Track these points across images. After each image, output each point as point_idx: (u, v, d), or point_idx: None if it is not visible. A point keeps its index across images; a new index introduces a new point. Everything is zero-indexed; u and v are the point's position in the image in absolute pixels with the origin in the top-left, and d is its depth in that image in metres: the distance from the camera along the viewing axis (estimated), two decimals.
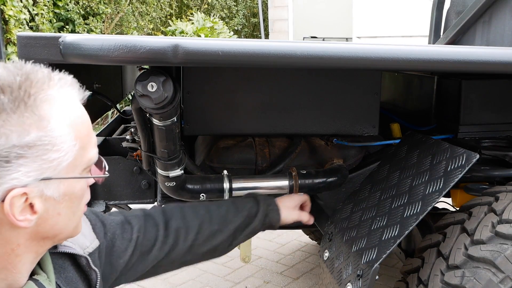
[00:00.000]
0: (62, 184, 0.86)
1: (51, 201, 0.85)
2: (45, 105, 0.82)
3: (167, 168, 1.64)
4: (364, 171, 2.03)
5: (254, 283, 3.29)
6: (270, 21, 11.46)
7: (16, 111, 0.79)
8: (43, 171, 0.82)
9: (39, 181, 0.82)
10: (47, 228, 0.88)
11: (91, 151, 0.91)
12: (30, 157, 0.80)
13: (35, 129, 0.80)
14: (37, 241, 0.89)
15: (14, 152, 0.78)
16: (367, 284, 1.40)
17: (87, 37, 1.19)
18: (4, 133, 0.78)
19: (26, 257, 0.89)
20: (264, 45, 1.23)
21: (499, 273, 1.32)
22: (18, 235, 0.85)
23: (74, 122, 0.86)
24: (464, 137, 1.96)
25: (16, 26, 6.57)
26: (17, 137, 0.78)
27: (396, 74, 2.41)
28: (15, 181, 0.79)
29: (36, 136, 0.80)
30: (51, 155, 0.82)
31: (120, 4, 9.49)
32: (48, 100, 0.83)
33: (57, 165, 0.83)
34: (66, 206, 0.89)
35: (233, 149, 1.97)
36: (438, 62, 1.31)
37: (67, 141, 0.84)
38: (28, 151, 0.79)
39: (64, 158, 0.84)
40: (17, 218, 0.82)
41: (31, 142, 0.80)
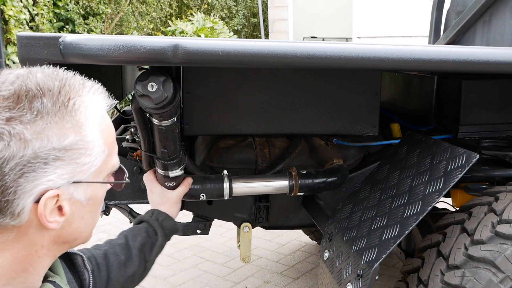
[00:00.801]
0: (89, 188, 0.88)
1: (77, 205, 0.88)
2: (83, 111, 0.85)
3: (167, 168, 1.64)
4: (364, 171, 2.03)
5: (254, 283, 3.29)
6: (270, 21, 11.46)
7: (57, 114, 0.81)
8: (75, 174, 0.84)
9: (70, 184, 0.84)
10: (70, 231, 0.90)
11: (114, 158, 0.94)
12: (66, 160, 0.82)
13: (73, 133, 0.83)
14: (58, 244, 0.90)
15: (53, 154, 0.80)
16: (367, 284, 1.40)
17: (87, 37, 1.19)
18: (46, 136, 0.79)
19: (46, 259, 0.90)
20: (264, 45, 1.23)
21: (499, 273, 1.32)
22: (43, 237, 0.87)
23: (104, 128, 0.89)
24: (464, 137, 1.96)
25: (16, 26, 6.57)
26: (57, 140, 0.81)
27: (396, 74, 2.41)
28: (50, 183, 0.81)
29: (74, 139, 0.83)
30: (84, 159, 0.85)
31: (120, 4, 9.49)
32: (84, 105, 0.86)
33: (88, 169, 0.86)
34: (89, 211, 0.91)
35: (233, 149, 1.97)
36: (438, 62, 1.31)
37: (97, 147, 0.87)
38: (65, 154, 0.82)
39: (94, 163, 0.87)
40: (48, 220, 0.83)
41: (68, 146, 0.82)
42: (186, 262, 3.58)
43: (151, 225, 1.60)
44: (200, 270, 3.47)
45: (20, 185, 0.78)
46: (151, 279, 3.32)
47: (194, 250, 3.76)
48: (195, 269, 3.49)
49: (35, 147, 0.78)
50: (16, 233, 0.83)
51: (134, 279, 1.49)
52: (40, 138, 0.79)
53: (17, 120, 0.78)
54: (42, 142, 0.79)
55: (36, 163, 0.79)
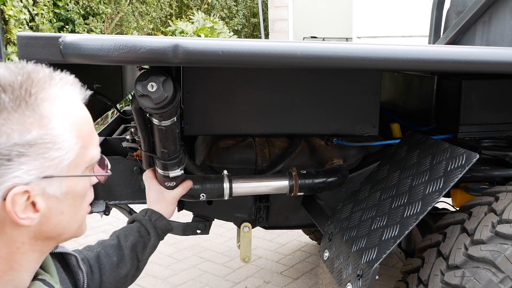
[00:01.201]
0: (64, 182, 0.86)
1: (53, 200, 0.86)
2: (46, 104, 0.83)
3: (167, 168, 1.64)
4: (364, 171, 2.03)
5: (254, 283, 3.29)
6: (270, 21, 11.46)
7: (17, 110, 0.80)
8: (44, 169, 0.82)
9: (40, 179, 0.82)
10: (51, 227, 0.89)
11: (92, 150, 0.92)
12: (32, 155, 0.80)
13: (36, 127, 0.81)
14: (41, 240, 0.89)
15: (15, 150, 0.79)
16: (367, 284, 1.40)
17: (87, 37, 1.19)
18: (5, 132, 0.78)
19: (31, 256, 0.89)
20: (264, 45, 1.23)
21: (499, 273, 1.32)
22: (22, 233, 0.86)
23: (76, 121, 0.87)
24: (464, 137, 1.96)
25: (16, 26, 6.57)
26: (18, 136, 0.79)
27: (396, 74, 2.41)
28: (16, 179, 0.80)
29: (37, 134, 0.81)
30: (53, 154, 0.83)
31: (120, 4, 9.49)
32: (49, 99, 0.83)
33: (59, 163, 0.84)
34: (69, 205, 0.89)
35: (233, 149, 1.97)
36: (438, 62, 1.31)
37: (68, 140, 0.85)
38: (29, 149, 0.80)
39: (66, 156, 0.85)
40: (19, 216, 0.82)
41: (32, 141, 0.80)
42: (186, 262, 3.58)
43: (144, 224, 1.58)
44: (200, 270, 3.47)
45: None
46: (151, 279, 3.32)
47: (194, 250, 3.76)
48: (195, 269, 3.49)
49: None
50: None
51: (126, 280, 1.48)
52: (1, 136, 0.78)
53: None
54: (2, 139, 0.78)
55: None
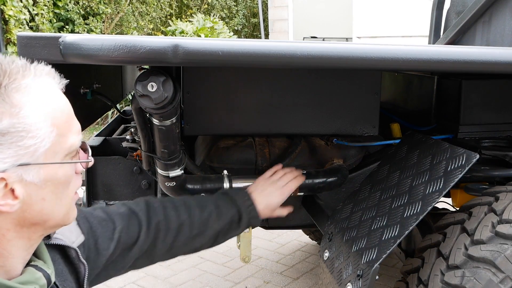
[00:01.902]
0: (42, 169, 0.88)
1: (32, 187, 0.87)
2: (17, 94, 0.85)
3: (167, 168, 1.64)
4: (364, 171, 2.03)
5: (254, 283, 3.29)
6: (270, 21, 11.46)
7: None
8: (19, 157, 0.84)
9: (16, 167, 0.84)
10: (34, 213, 0.90)
11: (71, 138, 0.93)
12: (5, 143, 0.82)
13: (7, 116, 0.83)
14: (26, 227, 0.91)
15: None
16: (367, 284, 1.40)
17: (87, 37, 1.19)
18: None
19: (19, 242, 0.91)
20: (264, 45, 1.23)
21: (499, 273, 1.32)
22: (5, 220, 0.88)
23: (50, 109, 0.88)
24: (464, 137, 1.96)
25: (16, 26, 6.57)
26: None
27: (396, 74, 2.41)
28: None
29: (9, 123, 0.83)
30: (27, 142, 0.84)
31: (120, 4, 9.49)
32: (20, 89, 0.85)
33: (34, 151, 0.86)
34: (50, 192, 0.91)
35: (233, 149, 1.97)
36: (438, 62, 1.31)
37: (42, 128, 0.86)
38: (1, 138, 0.82)
39: (41, 144, 0.86)
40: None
41: (4, 129, 0.82)
42: (186, 262, 3.58)
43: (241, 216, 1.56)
44: (200, 270, 3.47)
45: None
46: (151, 279, 3.32)
47: None
48: (195, 269, 3.49)
49: None
50: None
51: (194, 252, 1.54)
52: None
53: None
54: None
55: None
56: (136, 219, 1.37)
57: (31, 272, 0.93)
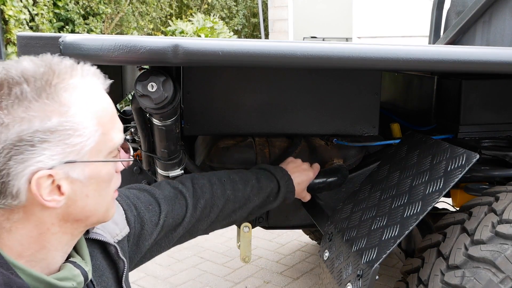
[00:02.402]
0: (87, 167, 0.91)
1: (77, 183, 0.91)
2: (66, 93, 0.88)
3: (167, 168, 1.64)
4: (364, 171, 2.03)
5: (254, 283, 3.29)
6: (270, 21, 11.46)
7: (38, 99, 0.85)
8: (66, 155, 0.87)
9: (63, 164, 0.87)
10: (78, 210, 0.93)
11: (114, 137, 0.96)
12: (53, 141, 0.85)
13: (56, 115, 0.86)
14: (70, 222, 0.94)
15: (37, 136, 0.84)
16: (367, 284, 1.40)
17: (87, 37, 1.19)
18: (27, 119, 0.83)
19: (62, 237, 0.94)
20: (264, 45, 1.23)
21: (499, 273, 1.32)
22: (50, 215, 0.91)
23: (96, 109, 0.92)
24: (464, 137, 1.96)
25: (16, 26, 6.57)
26: (39, 123, 0.84)
27: (396, 74, 2.41)
28: (40, 164, 0.85)
29: (58, 121, 0.85)
30: (74, 140, 0.87)
31: (120, 4, 9.49)
32: (68, 88, 0.88)
33: (80, 149, 0.89)
34: (93, 189, 0.94)
35: (233, 149, 1.97)
36: (438, 62, 1.31)
37: (89, 127, 0.89)
38: (50, 135, 0.85)
39: (87, 142, 0.89)
40: (45, 198, 0.87)
41: (52, 127, 0.85)
42: (186, 262, 3.58)
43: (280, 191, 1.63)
44: (200, 270, 3.47)
45: (11, 168, 0.83)
46: (151, 279, 3.32)
47: (194, 250, 3.76)
48: (195, 269, 3.49)
49: (17, 131, 0.82)
50: (23, 213, 0.89)
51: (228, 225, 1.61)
52: (21, 122, 0.83)
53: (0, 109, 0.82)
54: (23, 126, 0.83)
55: (22, 146, 0.83)
56: (183, 200, 1.42)
57: (69, 268, 0.96)
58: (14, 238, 0.89)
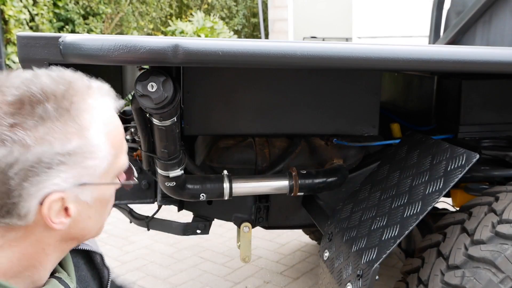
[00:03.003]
0: (96, 189, 0.89)
1: (84, 205, 0.89)
2: (86, 114, 0.85)
3: (167, 168, 1.64)
4: (364, 171, 2.03)
5: (254, 283, 3.29)
6: (270, 21, 11.45)
7: (60, 119, 0.82)
8: (80, 177, 0.85)
9: (75, 187, 0.85)
10: (78, 230, 0.91)
11: (122, 159, 0.95)
12: (70, 163, 0.83)
13: (76, 137, 0.83)
14: (65, 241, 0.92)
15: (56, 159, 0.81)
16: (367, 284, 1.40)
17: (87, 37, 1.19)
18: (48, 141, 0.80)
19: (54, 255, 0.92)
20: (264, 45, 1.23)
21: (499, 273, 1.32)
22: (50, 236, 0.89)
23: (110, 131, 0.90)
24: (464, 137, 1.96)
25: (16, 26, 6.57)
26: (60, 145, 0.81)
27: (396, 74, 2.41)
28: (54, 186, 0.82)
29: (77, 144, 0.83)
30: (89, 162, 0.85)
31: (120, 4, 9.49)
32: (88, 109, 0.86)
33: (93, 171, 0.87)
34: (96, 210, 0.92)
35: (233, 149, 1.97)
36: (438, 62, 1.31)
37: (103, 149, 0.87)
38: (69, 158, 0.82)
39: (100, 165, 0.87)
40: (53, 221, 0.85)
41: (72, 150, 0.82)
42: (186, 262, 3.58)
43: None
44: (200, 270, 3.47)
45: (24, 189, 0.80)
46: (151, 279, 3.32)
47: (194, 250, 3.76)
48: (195, 269, 3.49)
49: (38, 152, 0.79)
50: (24, 232, 0.86)
51: None
52: (42, 144, 0.80)
53: (19, 126, 0.79)
54: (44, 148, 0.80)
55: (39, 168, 0.80)
56: None
57: (54, 284, 0.94)
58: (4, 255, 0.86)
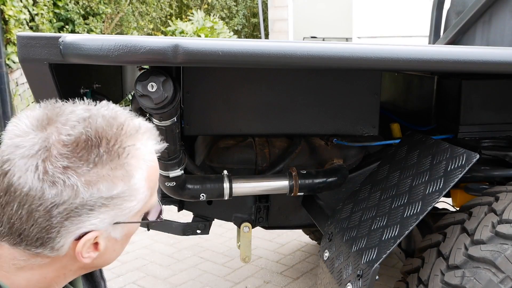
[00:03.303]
0: (127, 227, 0.90)
1: (112, 241, 0.90)
2: (133, 160, 0.86)
3: (167, 168, 1.64)
4: (364, 171, 2.03)
5: (254, 283, 3.29)
6: (270, 21, 11.45)
7: (110, 164, 0.83)
8: (116, 217, 0.86)
9: (110, 225, 0.86)
10: (101, 261, 0.93)
11: (154, 197, 0.95)
12: (110, 206, 0.84)
13: (121, 182, 0.84)
14: (86, 269, 0.94)
15: (100, 202, 0.82)
16: (367, 284, 1.40)
17: (87, 37, 1.19)
18: (97, 186, 0.81)
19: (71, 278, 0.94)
20: (264, 45, 1.23)
21: (499, 273, 1.32)
22: (75, 265, 0.90)
23: (151, 173, 0.90)
24: (464, 137, 1.96)
25: (16, 26, 6.57)
26: (106, 190, 0.82)
27: (396, 74, 2.41)
28: (92, 226, 0.84)
29: (122, 189, 0.84)
30: (127, 205, 0.86)
31: (120, 4, 9.48)
32: (136, 154, 0.86)
33: (129, 212, 0.88)
34: (121, 244, 0.93)
35: (233, 149, 1.97)
36: (438, 62, 1.31)
37: (143, 193, 0.88)
38: (111, 201, 0.83)
39: (136, 206, 0.88)
40: (83, 256, 0.86)
41: (115, 195, 0.83)
42: (186, 262, 3.57)
43: None
44: (200, 270, 3.47)
45: (64, 226, 0.81)
46: (151, 279, 3.32)
47: (194, 250, 3.76)
48: (195, 269, 3.49)
49: (85, 196, 0.80)
50: (51, 261, 0.87)
51: None
52: (90, 188, 0.81)
53: (73, 171, 0.79)
54: (92, 192, 0.81)
55: (82, 209, 0.81)
56: None
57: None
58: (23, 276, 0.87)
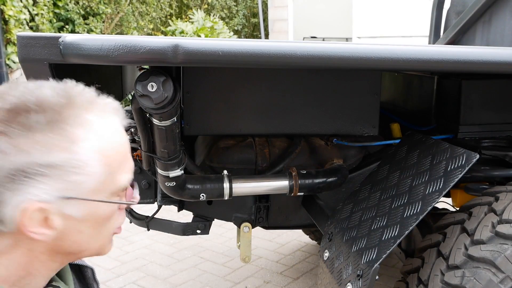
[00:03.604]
0: (84, 205, 0.87)
1: (71, 220, 0.87)
2: (79, 129, 0.84)
3: (167, 168, 1.64)
4: (364, 171, 2.03)
5: (254, 283, 3.29)
6: (270, 21, 11.45)
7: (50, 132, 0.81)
8: (64, 191, 0.83)
9: (59, 199, 0.84)
10: (69, 243, 0.90)
11: (121, 178, 0.92)
12: (52, 176, 0.82)
13: (62, 151, 0.82)
14: (61, 254, 0.91)
15: (34, 169, 0.80)
16: (367, 284, 1.40)
17: (87, 37, 1.19)
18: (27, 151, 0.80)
19: (51, 264, 0.92)
20: (264, 45, 1.23)
21: (499, 273, 1.32)
22: (39, 245, 0.88)
23: (107, 148, 0.87)
24: (464, 137, 1.96)
25: (16, 26, 6.57)
26: (40, 155, 0.80)
27: (396, 74, 2.41)
28: (31, 196, 0.81)
29: (61, 157, 0.82)
30: (75, 177, 0.84)
31: (120, 4, 9.49)
32: (83, 124, 0.84)
33: (80, 187, 0.85)
34: (89, 226, 0.90)
35: (233, 149, 1.97)
36: (438, 62, 1.31)
37: (94, 166, 0.85)
38: (51, 171, 0.81)
39: (88, 181, 0.85)
40: (29, 230, 0.84)
41: (52, 163, 0.81)
42: (186, 262, 3.58)
43: None
44: (200, 270, 3.47)
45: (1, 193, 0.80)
46: (151, 279, 3.32)
47: (194, 250, 3.76)
48: (195, 269, 3.49)
49: (16, 160, 0.79)
50: (14, 240, 0.86)
51: None
52: (21, 152, 0.79)
53: (4, 134, 0.79)
54: (23, 157, 0.79)
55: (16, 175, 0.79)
56: None
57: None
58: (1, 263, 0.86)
